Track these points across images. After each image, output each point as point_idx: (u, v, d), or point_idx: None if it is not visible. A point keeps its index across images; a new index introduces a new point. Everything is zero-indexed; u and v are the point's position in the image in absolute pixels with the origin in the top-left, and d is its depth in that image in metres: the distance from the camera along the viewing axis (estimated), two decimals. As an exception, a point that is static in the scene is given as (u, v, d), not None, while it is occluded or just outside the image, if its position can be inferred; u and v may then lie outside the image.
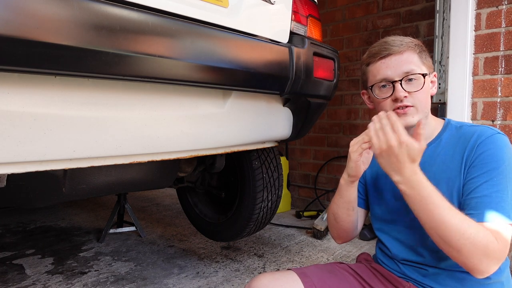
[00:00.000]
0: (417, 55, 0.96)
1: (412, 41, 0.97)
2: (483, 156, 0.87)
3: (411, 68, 0.94)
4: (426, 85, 0.95)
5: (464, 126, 0.97)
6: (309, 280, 0.97)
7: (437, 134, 1.00)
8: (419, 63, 0.96)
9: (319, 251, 2.33)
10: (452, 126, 0.99)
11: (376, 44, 0.99)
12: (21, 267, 2.04)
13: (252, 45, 1.24)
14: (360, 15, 2.98)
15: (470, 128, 0.95)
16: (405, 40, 0.96)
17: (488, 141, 0.88)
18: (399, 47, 0.95)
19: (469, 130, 0.94)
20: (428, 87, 0.97)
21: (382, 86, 0.97)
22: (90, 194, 1.48)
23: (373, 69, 0.99)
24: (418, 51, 0.96)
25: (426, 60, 0.98)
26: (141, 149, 1.07)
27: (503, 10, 1.86)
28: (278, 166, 1.91)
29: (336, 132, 3.18)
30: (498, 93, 1.89)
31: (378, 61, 0.97)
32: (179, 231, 2.72)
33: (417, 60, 0.95)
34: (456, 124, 0.99)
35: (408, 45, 0.95)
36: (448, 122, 1.01)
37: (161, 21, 0.96)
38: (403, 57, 0.94)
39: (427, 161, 0.96)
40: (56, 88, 0.89)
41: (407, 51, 0.95)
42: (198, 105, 1.24)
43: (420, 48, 0.97)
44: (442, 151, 0.96)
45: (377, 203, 1.09)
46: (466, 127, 0.96)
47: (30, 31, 0.72)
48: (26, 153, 0.83)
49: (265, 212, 1.88)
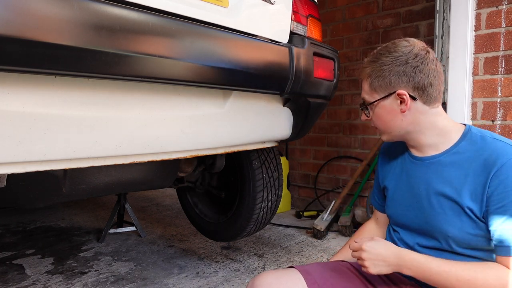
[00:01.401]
0: (367, 84, 0.98)
1: (368, 65, 0.97)
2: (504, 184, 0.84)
3: (363, 97, 1.00)
4: (379, 110, 0.98)
5: (486, 138, 0.92)
6: (312, 278, 0.97)
7: (455, 143, 0.95)
8: (369, 90, 0.98)
9: (319, 251, 2.33)
10: (473, 135, 0.94)
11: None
12: (21, 267, 2.04)
13: (252, 45, 1.24)
14: (360, 15, 2.98)
15: (492, 142, 0.90)
16: (371, 65, 0.96)
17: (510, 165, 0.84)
18: (361, 74, 1.01)
19: (491, 146, 0.89)
20: (384, 110, 0.97)
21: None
22: (90, 194, 1.48)
23: None
24: (371, 80, 0.96)
25: (382, 83, 0.94)
26: (141, 149, 1.07)
27: (503, 10, 1.86)
28: (278, 166, 1.91)
29: (336, 132, 3.18)
30: (498, 93, 1.89)
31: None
32: (179, 231, 2.72)
33: (367, 88, 0.99)
34: (479, 132, 0.94)
35: (365, 72, 0.98)
36: (468, 130, 0.96)
37: (161, 21, 0.96)
38: (363, 85, 1.01)
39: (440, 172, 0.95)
40: (56, 88, 0.89)
41: (363, 79, 0.99)
42: (198, 105, 1.24)
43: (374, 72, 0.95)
44: (457, 163, 0.93)
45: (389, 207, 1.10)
46: (490, 141, 0.91)
47: (30, 31, 0.72)
48: (26, 153, 0.83)
49: (265, 212, 1.88)
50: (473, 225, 0.89)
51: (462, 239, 0.90)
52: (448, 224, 0.91)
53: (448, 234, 0.91)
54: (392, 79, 0.93)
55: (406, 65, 0.91)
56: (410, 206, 1.01)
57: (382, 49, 0.96)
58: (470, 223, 0.89)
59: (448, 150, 0.95)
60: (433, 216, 0.95)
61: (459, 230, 0.90)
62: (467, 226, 0.89)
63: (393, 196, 1.08)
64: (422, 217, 0.97)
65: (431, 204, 0.96)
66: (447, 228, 0.91)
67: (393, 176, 1.10)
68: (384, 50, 0.95)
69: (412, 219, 1.00)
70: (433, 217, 0.95)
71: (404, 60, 0.92)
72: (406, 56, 0.92)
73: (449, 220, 0.91)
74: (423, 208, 0.97)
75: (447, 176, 0.93)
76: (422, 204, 0.98)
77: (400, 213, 1.04)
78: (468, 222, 0.89)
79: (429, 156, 0.98)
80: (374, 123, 1.02)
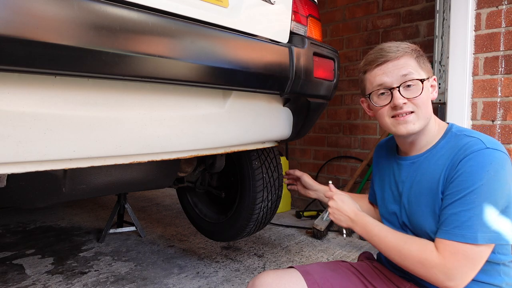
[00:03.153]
0: (414, 60, 0.94)
1: (409, 46, 0.95)
2: (461, 173, 0.85)
3: (409, 71, 0.92)
4: (426, 90, 0.93)
5: (461, 136, 0.93)
6: (312, 278, 0.97)
7: (436, 142, 0.97)
8: (417, 67, 0.94)
9: (319, 251, 2.33)
10: (452, 133, 0.95)
11: (372, 52, 0.98)
12: (21, 267, 2.04)
13: (252, 45, 1.24)
14: (360, 15, 2.98)
15: (464, 139, 0.91)
16: (401, 46, 0.94)
17: (472, 157, 0.85)
18: (395, 53, 0.93)
19: (461, 142, 0.90)
20: (428, 92, 0.95)
21: (381, 93, 0.96)
22: (90, 194, 1.48)
23: (370, 76, 0.97)
24: (415, 56, 0.94)
25: (424, 64, 0.96)
26: (141, 149, 1.07)
27: (503, 10, 1.86)
28: (278, 166, 1.91)
29: (336, 132, 3.18)
30: (498, 93, 1.89)
31: (374, 68, 0.95)
32: (179, 231, 2.72)
33: (414, 65, 0.93)
34: (457, 131, 0.96)
35: (404, 50, 0.93)
36: (449, 128, 0.97)
37: (161, 21, 0.96)
38: (400, 62, 0.93)
39: (419, 170, 0.96)
40: (56, 88, 0.89)
41: (403, 56, 0.93)
42: (198, 105, 1.24)
43: (417, 53, 0.95)
44: (433, 160, 0.94)
45: (381, 206, 1.13)
46: (462, 137, 0.92)
47: (30, 31, 0.72)
48: (26, 153, 0.83)
49: (265, 212, 1.88)
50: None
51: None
52: (424, 219, 0.93)
53: (425, 229, 0.92)
54: (428, 64, 0.99)
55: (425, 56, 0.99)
56: (395, 205, 1.04)
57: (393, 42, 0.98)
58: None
59: (429, 150, 0.97)
60: (412, 213, 0.97)
61: (434, 224, 0.90)
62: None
63: (383, 196, 1.11)
64: (404, 214, 1.00)
65: (410, 201, 0.98)
66: (424, 223, 0.93)
67: (382, 177, 1.13)
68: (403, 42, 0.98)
69: (397, 217, 1.03)
70: (412, 214, 0.97)
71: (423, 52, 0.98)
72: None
73: (425, 215, 0.92)
74: (404, 206, 1.00)
75: (424, 173, 0.95)
76: (404, 202, 1.00)
77: (387, 211, 1.08)
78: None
79: (413, 156, 1.01)
80: (412, 106, 0.92)
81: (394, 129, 0.96)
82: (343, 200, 1.08)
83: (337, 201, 1.08)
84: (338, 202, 1.08)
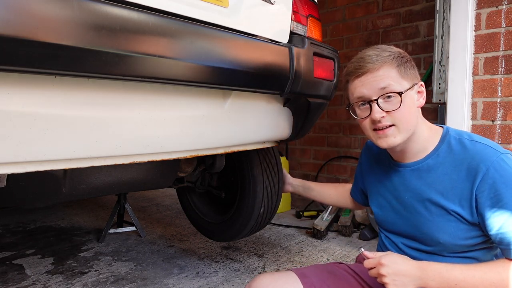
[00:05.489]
0: (395, 69, 0.89)
1: (391, 54, 0.90)
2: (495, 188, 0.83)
3: (388, 83, 0.88)
4: (408, 101, 0.89)
5: (463, 140, 0.91)
6: (309, 281, 0.97)
7: (434, 147, 0.94)
8: (398, 78, 0.89)
9: (319, 251, 2.33)
10: (451, 137, 0.93)
11: (354, 60, 0.94)
12: (21, 267, 2.04)
13: (252, 45, 1.24)
14: (360, 15, 2.98)
15: (470, 145, 0.89)
16: (381, 55, 0.90)
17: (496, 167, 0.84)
18: (374, 63, 0.89)
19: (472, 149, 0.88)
20: (411, 102, 0.91)
21: (361, 104, 0.93)
22: (90, 194, 1.48)
23: (351, 87, 0.95)
24: (396, 65, 0.90)
25: (407, 73, 0.91)
26: (141, 149, 1.07)
27: (503, 10, 1.86)
28: (278, 166, 1.91)
29: (336, 132, 3.18)
30: (498, 93, 1.89)
31: (354, 79, 0.93)
32: (179, 231, 2.72)
33: (395, 75, 0.89)
34: (456, 135, 0.94)
35: (384, 60, 0.89)
36: (446, 132, 0.95)
37: (161, 21, 0.96)
38: (379, 74, 0.89)
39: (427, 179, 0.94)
40: (56, 88, 0.89)
41: (383, 66, 0.89)
42: (198, 105, 1.24)
43: (399, 60, 0.90)
44: (440, 169, 0.92)
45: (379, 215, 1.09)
46: (467, 143, 0.90)
47: (30, 31, 0.72)
48: (26, 153, 0.83)
49: (265, 212, 1.88)
50: (464, 228, 0.88)
51: (454, 244, 0.90)
52: (438, 231, 0.91)
53: (439, 240, 0.91)
54: (414, 70, 0.94)
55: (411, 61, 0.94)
56: (398, 214, 1.01)
57: (378, 47, 0.94)
58: (461, 226, 0.88)
59: (429, 156, 0.94)
60: (422, 223, 0.94)
61: (449, 235, 0.89)
62: (457, 230, 0.89)
63: (381, 204, 1.07)
64: (411, 224, 0.97)
65: (418, 211, 0.95)
66: (438, 234, 0.91)
67: (375, 183, 1.09)
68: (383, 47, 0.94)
69: (401, 226, 1.00)
70: (422, 224, 0.94)
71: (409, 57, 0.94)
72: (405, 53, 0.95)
73: (439, 226, 0.90)
74: (411, 215, 0.97)
75: (431, 182, 0.92)
76: (410, 212, 0.97)
77: (390, 221, 1.04)
78: (458, 226, 0.88)
79: (412, 162, 0.97)
80: (392, 119, 0.90)
81: (376, 142, 0.94)
82: (394, 261, 0.86)
83: (389, 265, 0.85)
84: (391, 266, 0.85)
